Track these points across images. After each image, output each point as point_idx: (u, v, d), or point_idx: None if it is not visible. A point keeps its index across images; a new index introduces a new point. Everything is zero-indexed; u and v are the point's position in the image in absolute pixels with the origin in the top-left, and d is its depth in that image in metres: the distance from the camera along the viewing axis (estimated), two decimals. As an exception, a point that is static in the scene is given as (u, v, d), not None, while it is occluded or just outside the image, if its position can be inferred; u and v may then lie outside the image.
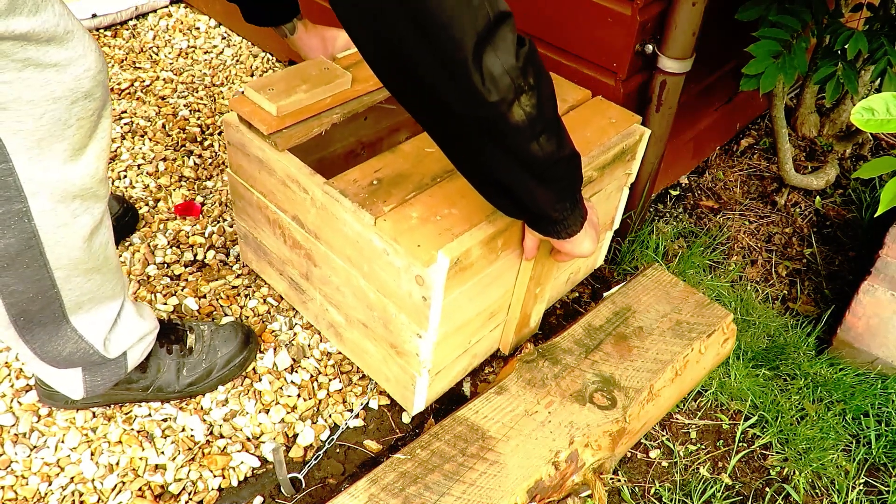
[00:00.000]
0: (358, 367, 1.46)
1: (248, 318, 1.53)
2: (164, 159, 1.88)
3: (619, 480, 1.35)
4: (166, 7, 2.46)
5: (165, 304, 1.53)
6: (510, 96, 0.86)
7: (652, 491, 1.35)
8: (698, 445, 1.44)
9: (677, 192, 2.00)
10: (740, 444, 1.45)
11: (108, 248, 1.12)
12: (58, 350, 1.16)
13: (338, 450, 1.35)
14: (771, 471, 1.42)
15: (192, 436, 1.33)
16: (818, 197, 2.02)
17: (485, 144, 0.93)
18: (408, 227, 1.15)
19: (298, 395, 1.41)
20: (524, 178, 0.97)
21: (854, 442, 1.47)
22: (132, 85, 2.12)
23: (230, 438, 1.33)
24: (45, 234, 1.00)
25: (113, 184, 1.79)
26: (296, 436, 1.35)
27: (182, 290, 1.57)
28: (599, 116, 1.42)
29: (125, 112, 2.02)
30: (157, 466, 1.28)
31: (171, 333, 1.35)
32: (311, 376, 1.45)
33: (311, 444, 1.34)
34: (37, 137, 0.92)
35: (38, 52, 0.88)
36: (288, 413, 1.38)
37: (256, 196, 1.40)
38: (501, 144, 0.92)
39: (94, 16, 2.28)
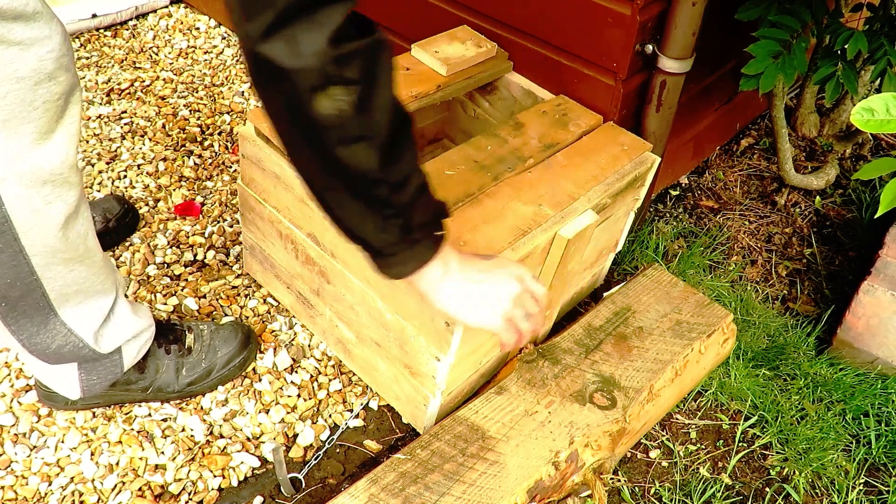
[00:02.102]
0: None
1: (248, 318, 1.53)
2: (164, 159, 1.88)
3: (619, 480, 1.35)
4: (166, 7, 2.46)
5: (165, 304, 1.53)
6: (315, 81, 0.77)
7: (652, 491, 1.35)
8: (698, 445, 1.44)
9: (677, 192, 2.00)
10: (740, 444, 1.45)
11: (87, 240, 1.11)
12: (46, 343, 1.15)
13: (338, 450, 1.35)
14: (771, 471, 1.42)
15: (192, 436, 1.33)
16: (818, 197, 2.02)
17: (294, 129, 0.84)
18: None
19: (298, 395, 1.41)
20: (336, 185, 0.88)
21: (854, 442, 1.48)
22: (132, 85, 2.12)
23: (230, 438, 1.33)
24: (17, 220, 1.00)
25: (113, 184, 1.79)
26: (296, 436, 1.35)
27: (182, 290, 1.57)
28: (612, 143, 1.43)
29: (125, 112, 2.02)
30: (157, 466, 1.28)
31: (168, 333, 1.35)
32: (311, 376, 1.45)
33: (311, 444, 1.34)
34: (1, 118, 0.93)
35: (3, 29, 0.88)
36: (288, 413, 1.38)
37: (269, 210, 1.39)
38: (306, 133, 0.83)
39: (94, 16, 2.28)
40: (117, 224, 1.63)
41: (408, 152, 0.89)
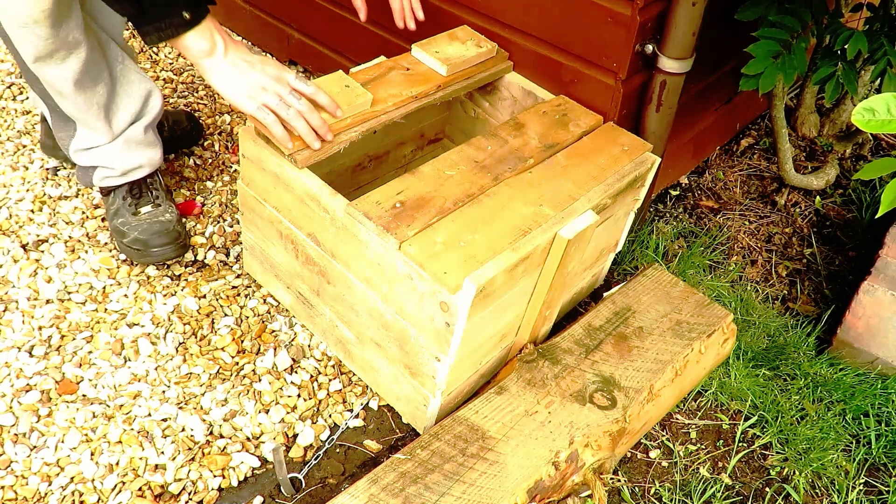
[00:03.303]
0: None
1: (247, 317, 1.54)
2: (165, 159, 1.88)
3: (619, 480, 1.36)
4: (166, 7, 2.46)
5: (165, 304, 1.53)
6: None
7: (652, 491, 1.35)
8: (698, 445, 1.44)
9: (677, 192, 2.00)
10: (740, 444, 1.45)
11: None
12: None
13: (338, 450, 1.35)
14: (771, 471, 1.42)
15: (192, 436, 1.33)
16: (818, 197, 2.03)
17: None
18: (433, 253, 1.15)
19: (298, 395, 1.41)
20: None
21: (854, 442, 1.48)
22: (132, 85, 2.12)
23: (230, 438, 1.33)
24: None
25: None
26: (296, 436, 1.35)
27: (182, 290, 1.57)
28: (612, 143, 1.43)
29: (125, 112, 2.02)
30: (157, 466, 1.28)
31: (138, 190, 1.58)
32: (311, 376, 1.45)
33: (311, 444, 1.34)
34: None
35: None
36: (288, 413, 1.38)
37: (269, 210, 1.39)
38: None
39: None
40: (181, 134, 1.87)
41: None
